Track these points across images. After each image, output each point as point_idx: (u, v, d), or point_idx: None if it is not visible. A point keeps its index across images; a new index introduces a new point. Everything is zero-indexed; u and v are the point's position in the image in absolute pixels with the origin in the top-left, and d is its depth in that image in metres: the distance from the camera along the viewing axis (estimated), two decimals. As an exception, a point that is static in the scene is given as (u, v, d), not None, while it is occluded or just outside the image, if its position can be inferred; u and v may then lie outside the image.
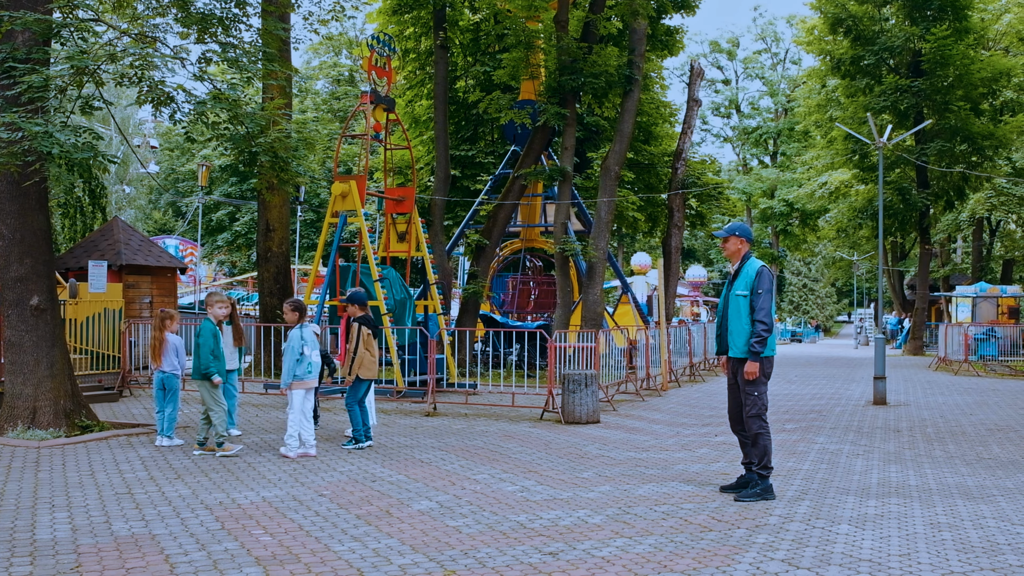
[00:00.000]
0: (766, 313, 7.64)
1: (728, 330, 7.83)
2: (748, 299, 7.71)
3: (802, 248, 69.79)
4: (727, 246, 7.97)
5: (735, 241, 7.91)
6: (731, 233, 7.94)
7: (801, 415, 14.28)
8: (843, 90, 38.09)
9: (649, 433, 11.96)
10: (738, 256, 7.92)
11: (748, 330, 7.69)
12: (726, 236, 7.96)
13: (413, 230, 18.06)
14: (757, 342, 7.59)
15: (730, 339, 7.80)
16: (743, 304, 7.72)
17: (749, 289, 7.72)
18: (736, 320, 7.75)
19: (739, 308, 7.73)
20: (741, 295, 7.74)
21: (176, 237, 61.97)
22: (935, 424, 13.25)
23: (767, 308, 7.66)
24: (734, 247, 7.91)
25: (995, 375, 23.71)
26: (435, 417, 13.46)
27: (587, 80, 20.33)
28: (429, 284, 18.11)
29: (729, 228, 7.99)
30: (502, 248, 26.66)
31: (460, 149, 30.19)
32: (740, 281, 7.80)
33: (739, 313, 7.73)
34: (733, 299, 7.80)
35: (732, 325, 7.77)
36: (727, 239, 7.94)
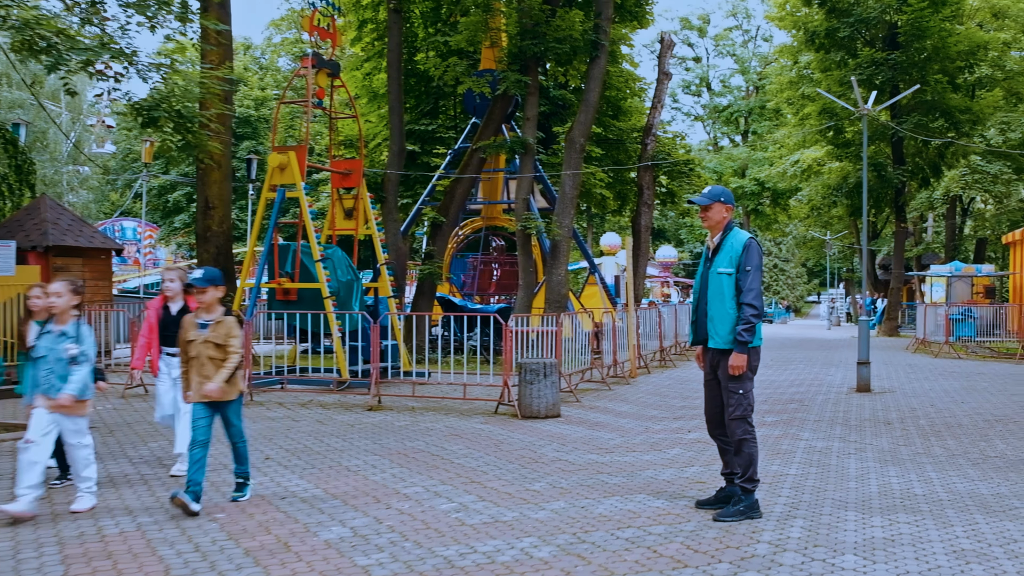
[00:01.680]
0: (756, 295, 6.36)
1: (708, 315, 6.52)
2: (733, 277, 6.42)
3: (773, 228, 68.81)
4: (709, 215, 6.58)
5: (719, 209, 6.57)
6: (715, 199, 6.56)
7: (782, 405, 13.07)
8: (817, 64, 36.89)
9: (615, 429, 10.69)
10: (720, 227, 6.59)
11: (733, 315, 6.41)
12: (708, 203, 6.57)
13: (361, 206, 16.68)
14: (745, 329, 6.31)
15: (710, 326, 6.49)
16: (727, 284, 6.43)
17: (734, 266, 6.43)
18: (718, 303, 6.45)
19: (721, 289, 6.44)
20: (724, 273, 6.44)
21: (135, 219, 60.14)
22: (927, 414, 12.08)
23: (756, 288, 6.37)
24: (718, 216, 6.57)
25: (976, 357, 22.68)
26: (378, 412, 12.14)
27: (551, 46, 18.98)
28: (379, 265, 16.75)
29: (711, 193, 6.62)
30: (463, 226, 25.31)
31: (420, 124, 28.79)
32: (723, 256, 6.50)
33: (721, 295, 6.43)
34: (714, 278, 6.49)
35: (713, 309, 6.47)
36: (709, 207, 6.56)
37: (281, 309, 15.54)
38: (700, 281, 6.67)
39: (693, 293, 6.78)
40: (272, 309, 15.73)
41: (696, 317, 6.69)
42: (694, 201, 6.61)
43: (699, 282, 6.69)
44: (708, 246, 6.69)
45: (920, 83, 32.06)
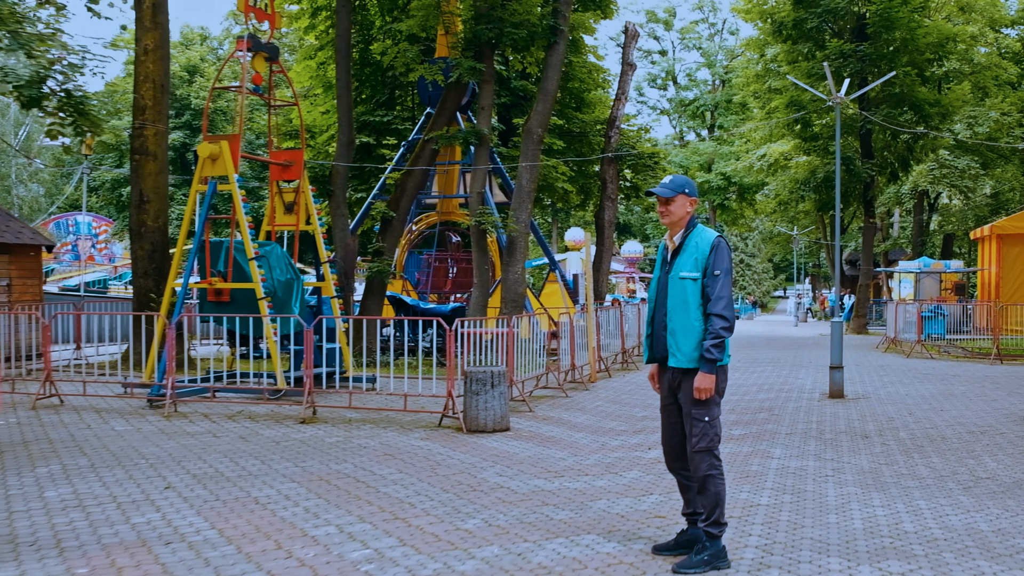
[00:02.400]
0: (726, 303, 5.37)
1: (667, 328, 5.50)
2: (699, 283, 5.42)
3: (739, 223, 68.32)
4: (671, 209, 5.54)
5: (683, 202, 5.55)
6: (678, 191, 5.55)
7: (750, 415, 12.13)
8: (784, 56, 36.11)
9: (567, 446, 9.69)
10: (682, 223, 5.58)
11: (699, 328, 5.41)
12: (671, 195, 5.55)
13: (302, 200, 15.56)
14: (714, 345, 5.32)
15: (670, 341, 5.48)
16: (691, 291, 5.43)
17: (700, 269, 5.43)
18: (680, 314, 5.44)
19: (684, 296, 5.43)
20: (688, 278, 5.43)
21: (90, 214, 58.47)
22: (906, 425, 11.19)
23: (727, 296, 5.39)
24: (681, 210, 5.54)
25: (949, 357, 21.94)
26: (312, 425, 11.06)
27: (507, 31, 17.94)
28: (322, 263, 15.65)
29: (674, 183, 5.58)
30: (417, 222, 24.21)
31: (375, 115, 27.65)
32: (685, 258, 5.49)
33: (685, 304, 5.43)
34: (675, 284, 5.48)
35: (674, 321, 5.46)
36: (671, 199, 5.54)
37: (213, 311, 14.39)
38: (657, 287, 5.66)
39: (648, 302, 5.77)
40: (203, 311, 14.57)
41: (652, 330, 5.67)
42: (654, 192, 5.59)
43: (655, 288, 5.68)
44: (666, 246, 5.68)
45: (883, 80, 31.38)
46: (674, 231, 5.61)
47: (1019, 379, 16.67)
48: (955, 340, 25.48)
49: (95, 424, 10.99)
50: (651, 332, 5.67)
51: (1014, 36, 44.70)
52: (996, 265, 31.15)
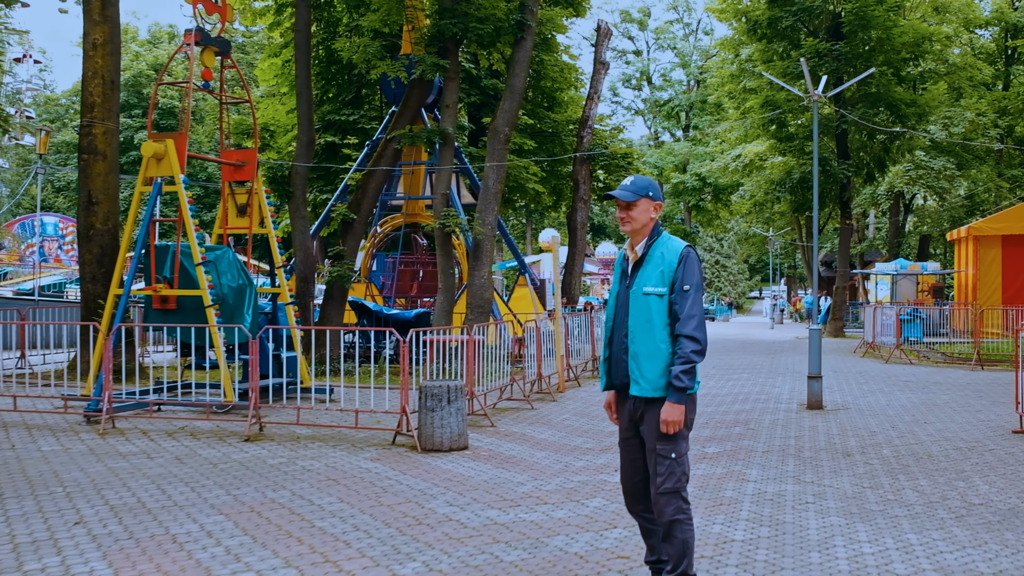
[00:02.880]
0: (698, 323, 4.68)
1: (629, 351, 4.80)
2: (665, 299, 4.74)
3: (715, 224, 67.90)
4: (633, 215, 4.86)
5: (646, 207, 4.87)
6: (641, 193, 4.86)
7: (724, 429, 11.47)
8: (759, 55, 35.58)
9: (528, 467, 8.98)
10: (646, 231, 4.88)
11: (666, 351, 4.72)
12: (634, 199, 4.85)
13: (256, 202, 14.79)
14: (684, 371, 4.63)
15: (632, 366, 4.78)
16: (656, 308, 4.74)
17: (667, 284, 4.75)
18: (644, 335, 4.74)
19: (649, 315, 4.73)
20: (653, 293, 4.74)
21: (56, 215, 57.27)
22: (889, 440, 10.56)
23: (698, 315, 4.70)
24: (644, 216, 4.86)
25: (928, 362, 21.41)
26: (257, 443, 10.31)
27: (472, 26, 17.23)
28: (276, 268, 14.89)
29: (636, 186, 4.88)
30: (382, 224, 23.44)
31: (342, 114, 26.88)
32: (649, 271, 4.80)
33: (649, 323, 4.73)
34: (638, 300, 4.79)
35: (637, 343, 4.75)
36: (634, 203, 4.85)
37: (159, 320, 13.58)
38: (616, 304, 4.96)
39: (606, 320, 5.07)
40: (149, 320, 13.76)
41: (610, 352, 4.97)
42: (614, 196, 4.89)
43: (614, 305, 4.98)
44: (626, 256, 4.99)
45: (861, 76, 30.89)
46: (636, 240, 4.92)
47: (1002, 387, 16.12)
48: (933, 344, 24.98)
49: (21, 443, 10.19)
50: (609, 355, 4.97)
51: (988, 37, 44.51)
52: (973, 267, 30.75)
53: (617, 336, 4.88)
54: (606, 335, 5.00)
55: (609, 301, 5.04)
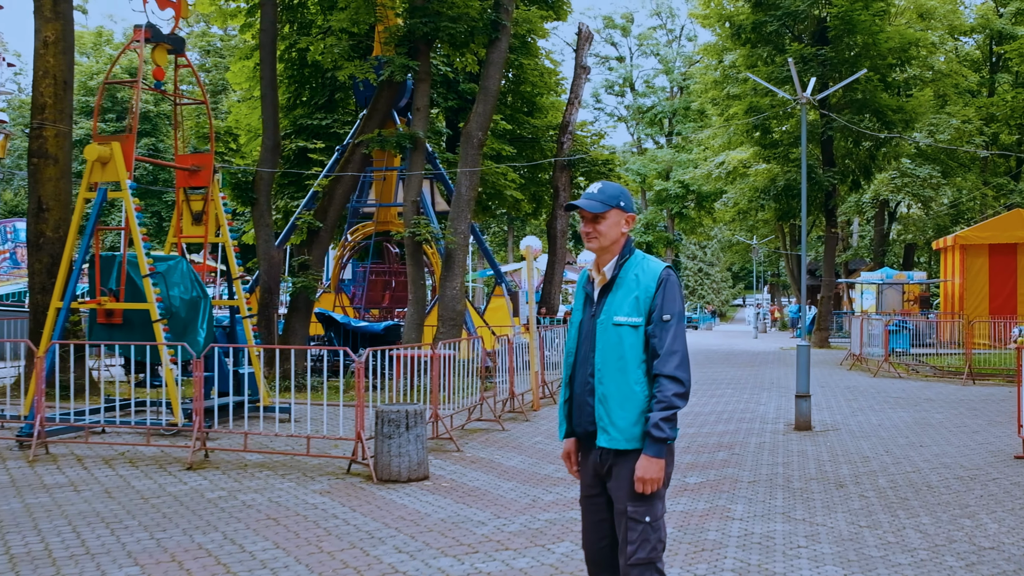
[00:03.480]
0: (681, 360, 3.88)
1: (595, 393, 3.98)
2: (641, 331, 3.94)
3: (698, 232, 67.31)
4: (601, 228, 4.03)
5: (617, 220, 4.05)
6: (611, 204, 4.03)
7: (707, 454, 10.69)
8: (743, 61, 34.94)
9: (492, 502, 8.17)
10: (616, 248, 4.07)
11: (642, 395, 3.91)
12: (603, 210, 4.02)
13: (212, 209, 13.95)
14: (665, 419, 3.82)
15: (599, 411, 3.95)
16: (630, 342, 3.93)
17: (644, 312, 3.94)
18: (615, 374, 3.92)
19: (621, 351, 3.92)
20: (626, 324, 3.93)
21: (25, 219, 56.06)
22: (884, 468, 9.80)
23: (682, 350, 3.90)
24: (615, 231, 4.05)
25: (918, 376, 20.72)
26: (200, 471, 9.45)
27: (444, 25, 16.44)
28: (233, 279, 14.04)
29: (605, 194, 4.05)
30: (353, 232, 22.60)
31: (314, 118, 26.06)
32: (621, 297, 3.99)
33: (621, 360, 3.92)
34: (606, 332, 3.97)
35: (606, 384, 3.93)
36: (603, 215, 4.02)
37: (103, 335, 12.72)
38: (579, 336, 4.15)
39: (566, 355, 4.25)
40: (93, 335, 12.89)
41: (571, 394, 4.16)
42: (578, 206, 4.08)
43: (576, 337, 4.16)
44: (591, 278, 4.19)
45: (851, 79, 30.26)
46: (603, 259, 4.10)
47: (996, 404, 15.42)
48: (921, 356, 24.31)
49: (-60, 474, 9.31)
50: (570, 397, 4.16)
51: (972, 45, 44.08)
52: (959, 276, 30.15)
53: (580, 375, 4.07)
54: (566, 373, 4.18)
55: (570, 332, 4.22)
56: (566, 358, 4.19)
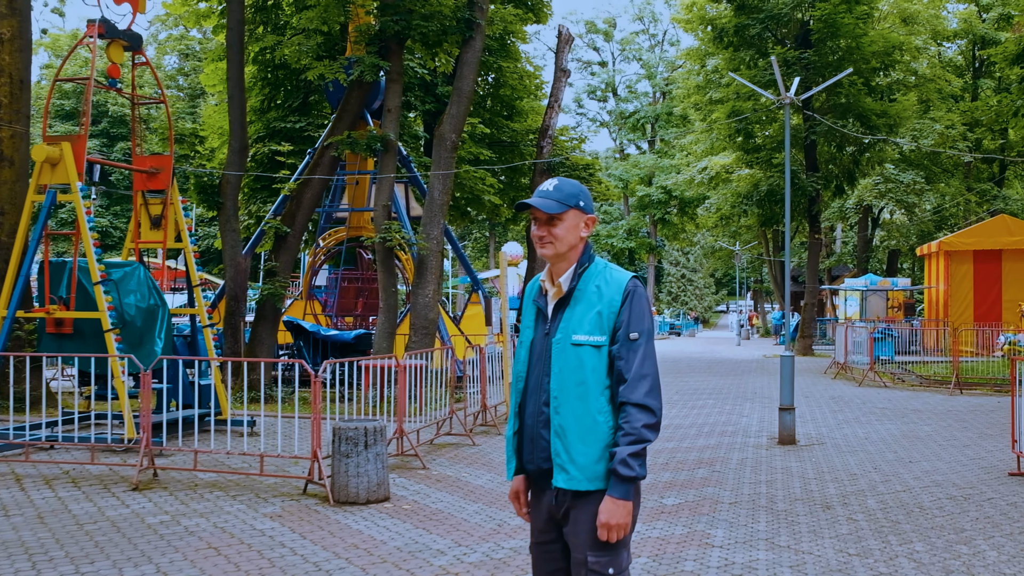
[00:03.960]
0: (652, 386, 3.34)
1: (550, 425, 3.41)
2: (604, 352, 3.39)
3: (680, 238, 66.93)
4: (558, 233, 3.46)
5: (575, 221, 3.50)
6: (570, 204, 3.48)
7: (687, 471, 10.14)
8: (726, 64, 34.51)
9: (454, 527, 7.60)
10: (573, 256, 3.52)
11: (606, 427, 3.36)
12: (559, 211, 3.46)
13: (171, 213, 13.33)
14: (634, 455, 3.28)
15: (555, 445, 3.38)
16: (592, 365, 3.38)
17: (607, 330, 3.39)
18: (574, 403, 3.36)
19: (582, 375, 3.36)
20: (587, 344, 3.38)
21: None
22: (873, 486, 9.27)
23: (652, 374, 3.36)
24: (572, 235, 3.49)
25: (904, 385, 20.25)
26: (145, 492, 8.84)
27: (415, 23, 15.88)
28: (192, 287, 13.43)
29: (563, 192, 3.49)
30: (326, 237, 21.99)
31: (288, 121, 25.44)
32: (581, 312, 3.43)
33: (582, 386, 3.37)
34: (564, 354, 3.40)
35: (564, 414, 3.37)
36: (560, 216, 3.46)
37: (52, 346, 12.08)
38: (529, 357, 3.57)
39: (515, 379, 3.68)
40: (42, 346, 12.25)
41: (521, 425, 3.57)
42: (531, 205, 3.50)
43: (526, 359, 3.58)
44: (543, 290, 3.61)
45: (834, 84, 29.85)
46: (559, 268, 3.53)
47: (985, 415, 14.96)
48: (906, 364, 23.88)
49: None
50: (519, 429, 3.58)
51: (956, 49, 43.86)
52: (944, 283, 29.81)
53: (533, 403, 3.49)
54: (515, 401, 3.61)
55: (519, 353, 3.64)
56: (515, 383, 3.62)
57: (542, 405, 3.44)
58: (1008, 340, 23.74)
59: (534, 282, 3.67)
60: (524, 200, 3.50)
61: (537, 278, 3.66)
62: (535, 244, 3.56)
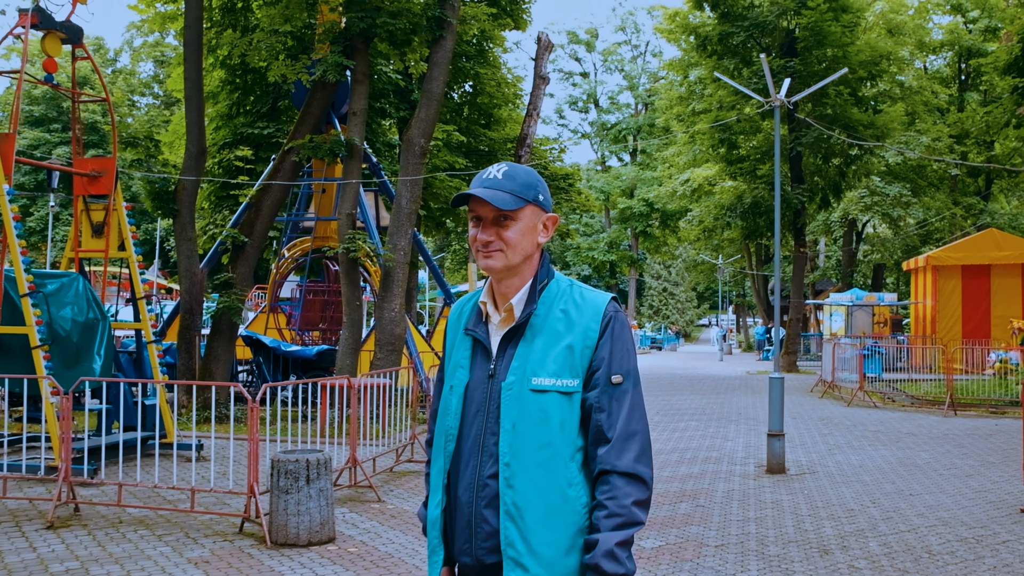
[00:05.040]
0: (643, 448, 2.51)
1: (500, 502, 2.49)
2: (576, 400, 2.51)
3: (662, 251, 66.16)
4: (510, 236, 2.54)
5: (533, 221, 2.60)
6: (528, 197, 2.56)
7: (668, 505, 9.21)
8: (709, 74, 33.76)
9: (405, 574, 6.66)
10: (530, 269, 2.62)
11: (579, 503, 2.49)
12: (514, 206, 2.53)
13: (115, 221, 12.35)
14: (622, 543, 2.40)
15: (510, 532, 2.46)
16: (560, 419, 2.50)
17: (582, 370, 2.52)
18: (536, 472, 2.47)
19: (547, 433, 2.47)
20: (554, 390, 2.49)
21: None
22: (873, 524, 8.37)
23: (643, 431, 2.52)
24: (528, 242, 2.58)
25: (895, 405, 19.41)
26: (60, 532, 7.86)
27: (382, 21, 14.97)
28: (136, 299, 12.44)
29: (518, 182, 2.56)
30: (291, 247, 21.01)
31: (255, 127, 24.50)
32: (543, 345, 2.54)
33: (547, 449, 2.47)
34: (521, 404, 2.50)
35: (519, 488, 2.46)
36: (514, 213, 2.55)
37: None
38: (461, 407, 2.62)
39: (437, 434, 2.72)
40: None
41: (449, 500, 2.63)
42: (475, 196, 2.55)
43: (458, 409, 2.63)
44: (483, 315, 2.67)
45: (820, 94, 29.11)
46: (508, 285, 2.61)
47: (984, 439, 14.11)
48: (895, 382, 23.07)
49: None
50: (447, 505, 2.65)
51: (943, 62, 43.34)
52: (932, 298, 29.09)
53: (469, 473, 2.56)
54: (440, 467, 2.65)
55: (446, 402, 2.69)
56: (440, 443, 2.68)
57: (486, 476, 2.51)
58: (999, 358, 23.01)
59: (464, 304, 2.75)
60: (467, 191, 2.58)
61: (469, 299, 2.74)
62: (476, 253, 2.62)
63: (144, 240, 47.51)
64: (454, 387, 2.64)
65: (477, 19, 17.16)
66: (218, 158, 23.69)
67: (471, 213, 2.62)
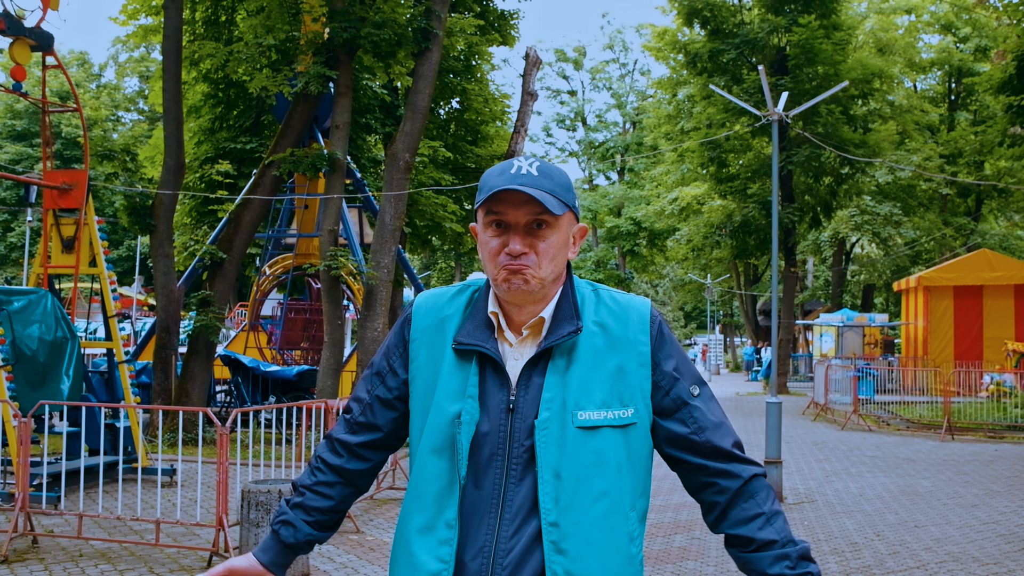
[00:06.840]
0: (768, 499, 2.15)
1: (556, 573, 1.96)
2: (633, 435, 2.06)
3: (650, 270, 65.82)
4: (546, 248, 2.04)
5: (568, 230, 2.12)
6: (569, 203, 2.09)
7: (662, 538, 8.73)
8: (699, 92, 33.48)
9: (380, 621, 6.16)
10: (553, 293, 2.11)
11: (639, 558, 2.05)
12: (560, 211, 2.03)
13: (86, 235, 11.85)
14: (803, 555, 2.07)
15: None
16: (615, 460, 2.02)
17: (638, 395, 2.06)
18: (593, 529, 1.98)
19: (604, 479, 2.01)
20: (607, 425, 2.02)
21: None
22: (880, 560, 7.91)
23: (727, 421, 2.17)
24: (563, 256, 2.10)
25: (891, 429, 19.00)
26: (18, 564, 7.33)
27: (366, 31, 14.54)
28: (108, 317, 11.93)
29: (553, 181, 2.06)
30: (272, 264, 20.51)
31: (238, 141, 24.06)
32: (584, 370, 2.04)
33: (606, 499, 2.00)
34: (564, 443, 1.99)
35: (574, 555, 1.97)
36: (557, 219, 2.05)
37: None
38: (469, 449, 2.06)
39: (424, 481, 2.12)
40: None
41: (458, 565, 2.03)
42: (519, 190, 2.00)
43: (465, 453, 2.06)
44: (493, 323, 2.11)
45: (811, 113, 28.83)
46: (531, 302, 2.10)
47: (985, 466, 13.69)
48: (888, 404, 22.66)
49: None
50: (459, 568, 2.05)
51: (934, 81, 43.27)
52: (923, 319, 28.78)
53: (480, 533, 2.03)
54: (440, 533, 2.06)
55: (440, 431, 2.09)
56: (427, 484, 2.11)
57: (510, 539, 1.99)
58: (994, 380, 22.64)
59: (445, 301, 2.23)
60: (498, 187, 2.03)
61: (452, 295, 2.23)
62: (495, 270, 2.07)
63: (126, 256, 46.93)
64: (463, 421, 2.05)
65: (464, 32, 16.76)
66: (200, 173, 23.22)
67: (492, 217, 2.08)
